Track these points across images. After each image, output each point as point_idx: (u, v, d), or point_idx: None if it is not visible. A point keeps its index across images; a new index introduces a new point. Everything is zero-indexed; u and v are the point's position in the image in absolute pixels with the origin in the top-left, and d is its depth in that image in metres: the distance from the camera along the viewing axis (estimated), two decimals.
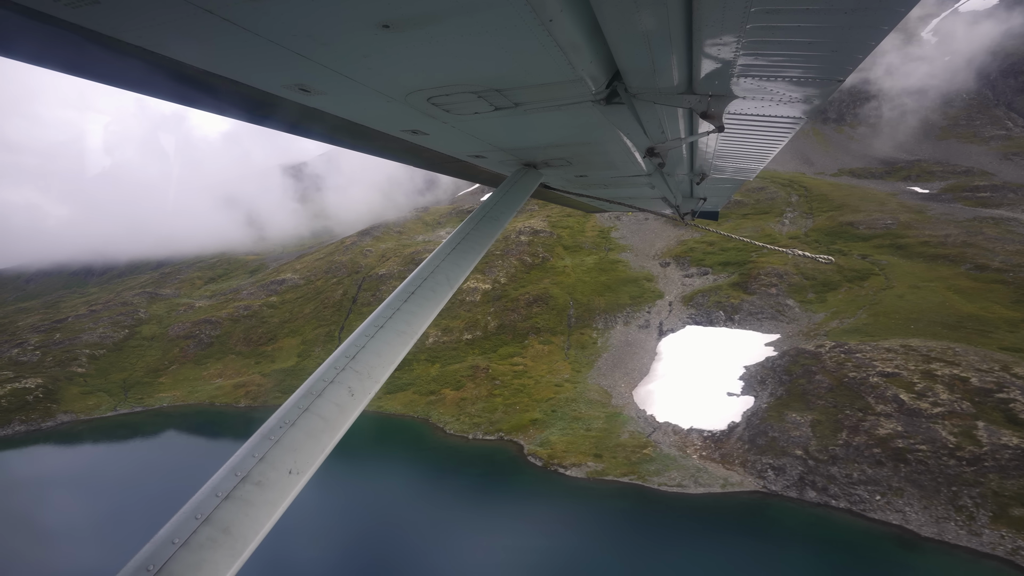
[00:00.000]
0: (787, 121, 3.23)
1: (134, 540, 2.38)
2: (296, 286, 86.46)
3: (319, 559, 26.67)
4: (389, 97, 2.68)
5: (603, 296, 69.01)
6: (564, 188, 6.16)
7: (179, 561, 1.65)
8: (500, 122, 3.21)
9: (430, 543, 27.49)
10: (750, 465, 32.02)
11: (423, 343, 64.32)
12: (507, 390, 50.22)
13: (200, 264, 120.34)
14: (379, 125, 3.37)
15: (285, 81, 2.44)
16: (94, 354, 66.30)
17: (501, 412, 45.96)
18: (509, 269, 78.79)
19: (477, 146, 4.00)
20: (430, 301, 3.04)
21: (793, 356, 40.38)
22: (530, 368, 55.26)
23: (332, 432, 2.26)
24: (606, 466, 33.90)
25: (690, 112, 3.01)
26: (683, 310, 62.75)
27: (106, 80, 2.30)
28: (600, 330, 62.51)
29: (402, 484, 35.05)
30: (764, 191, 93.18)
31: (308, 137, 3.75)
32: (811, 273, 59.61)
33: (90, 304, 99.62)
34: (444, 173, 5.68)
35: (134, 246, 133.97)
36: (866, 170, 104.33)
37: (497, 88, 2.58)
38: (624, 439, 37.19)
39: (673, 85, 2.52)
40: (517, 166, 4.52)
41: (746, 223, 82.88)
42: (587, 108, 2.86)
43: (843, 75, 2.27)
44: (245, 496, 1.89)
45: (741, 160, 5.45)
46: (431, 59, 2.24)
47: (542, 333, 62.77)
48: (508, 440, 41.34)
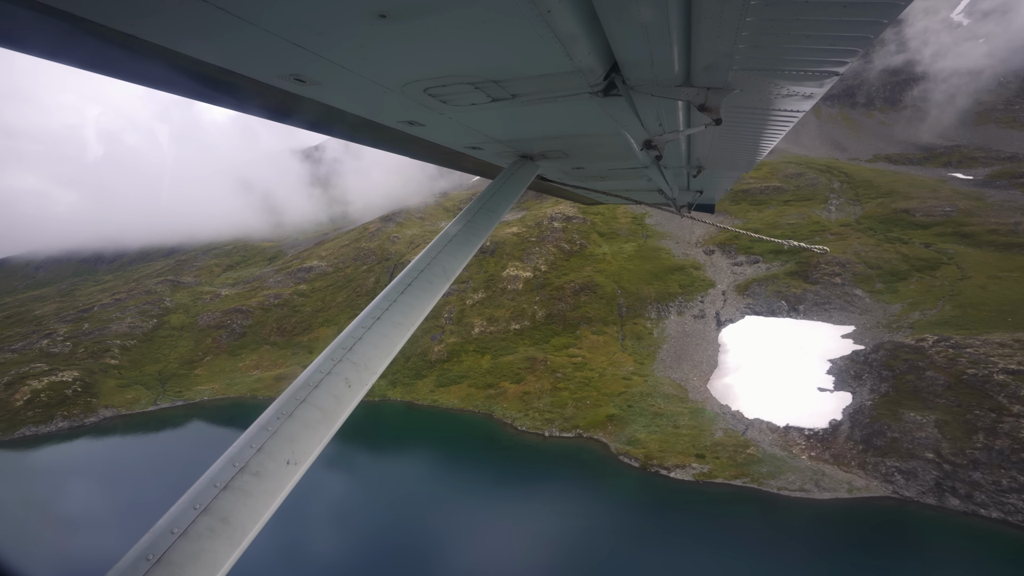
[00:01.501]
0: (785, 114, 3.17)
1: None
2: (325, 274, 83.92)
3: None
4: (386, 88, 2.63)
5: (651, 285, 66.95)
6: (561, 180, 6.24)
7: (178, 550, 1.64)
8: (497, 113, 3.13)
9: (562, 557, 25.46)
10: (871, 468, 30.24)
11: (469, 333, 62.29)
12: (571, 383, 48.27)
13: (216, 251, 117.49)
14: (375, 116, 3.30)
15: (280, 71, 2.39)
16: (125, 345, 63.92)
17: (572, 407, 44.02)
18: (548, 256, 76.54)
19: (474, 137, 3.94)
20: (427, 292, 3.00)
21: (890, 350, 38.46)
22: (589, 360, 53.29)
23: (329, 423, 2.23)
24: (712, 468, 32.04)
25: (688, 105, 2.96)
26: (739, 300, 60.75)
27: (97, 69, 2.20)
28: (654, 320, 60.54)
29: (496, 490, 32.87)
30: (803, 177, 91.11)
31: (304, 127, 3.64)
32: (875, 262, 57.62)
33: (108, 292, 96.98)
34: (441, 164, 5.53)
35: (145, 233, 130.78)
36: (903, 156, 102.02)
37: (494, 79, 2.53)
38: (719, 437, 35.34)
39: (671, 77, 2.48)
40: (514, 158, 4.45)
41: (789, 210, 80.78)
42: (584, 100, 2.79)
43: (841, 68, 2.26)
44: (243, 486, 1.87)
45: (738, 153, 5.31)
46: (428, 50, 2.21)
47: (593, 323, 60.72)
48: (588, 438, 39.42)
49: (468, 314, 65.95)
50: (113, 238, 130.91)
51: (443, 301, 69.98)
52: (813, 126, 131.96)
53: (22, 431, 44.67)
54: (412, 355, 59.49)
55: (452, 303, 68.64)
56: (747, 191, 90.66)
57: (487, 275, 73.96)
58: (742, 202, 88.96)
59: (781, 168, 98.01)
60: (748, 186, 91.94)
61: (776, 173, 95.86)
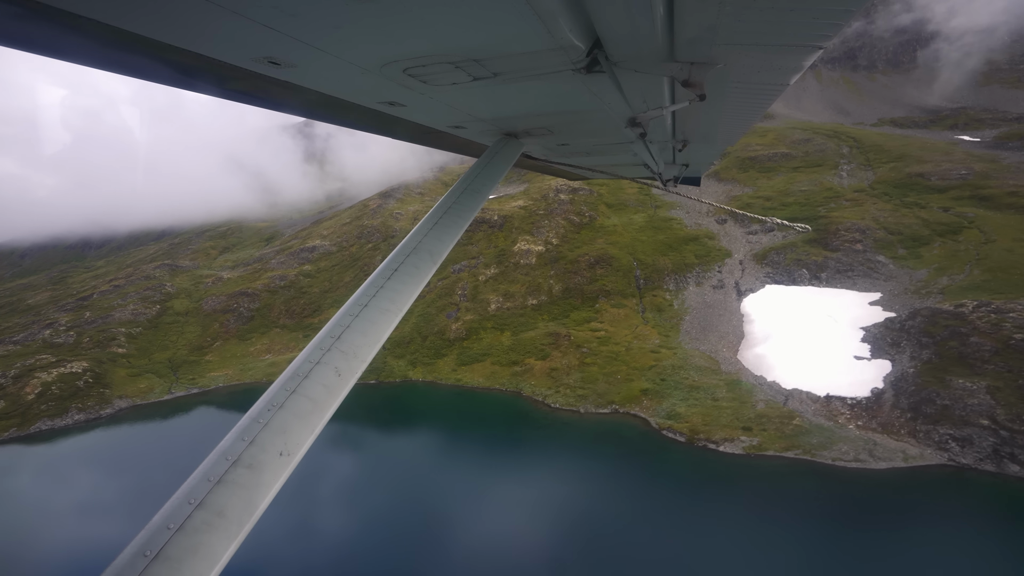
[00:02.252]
0: (770, 87, 3.14)
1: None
2: (329, 253, 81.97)
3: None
4: (364, 69, 2.57)
5: (666, 256, 66.13)
6: (546, 157, 6.24)
7: (175, 545, 1.66)
8: (479, 92, 3.06)
9: (618, 538, 24.95)
10: (923, 436, 30.10)
11: (485, 310, 61.30)
12: (599, 358, 47.68)
13: (210, 233, 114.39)
14: (354, 97, 3.19)
15: (253, 55, 2.31)
16: (131, 333, 62.06)
17: (603, 383, 43.49)
18: (558, 229, 75.24)
19: (457, 117, 3.82)
20: (413, 278, 2.99)
21: (928, 317, 38.15)
22: (613, 333, 52.69)
23: (321, 413, 2.24)
24: (761, 440, 31.72)
25: (672, 81, 2.96)
26: (758, 269, 60.24)
27: (62, 55, 2.11)
28: (672, 291, 59.93)
29: (538, 470, 32.12)
30: (811, 142, 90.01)
31: (281, 111, 3.47)
32: (895, 228, 57.19)
33: (104, 279, 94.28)
34: (424, 144, 5.40)
35: (133, 216, 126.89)
36: (908, 119, 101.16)
37: (475, 58, 2.48)
38: (762, 409, 35.03)
39: (654, 53, 2.45)
40: (498, 136, 4.42)
41: (800, 176, 79.83)
42: (567, 77, 2.74)
43: (825, 41, 2.25)
44: (237, 480, 1.88)
45: (724, 127, 5.28)
46: (405, 30, 2.16)
47: (612, 296, 59.98)
48: (626, 413, 38.95)
49: (482, 290, 64.84)
50: (100, 222, 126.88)
51: (455, 277, 68.79)
52: (815, 90, 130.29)
53: (37, 425, 43.22)
54: (429, 334, 58.50)
55: (465, 279, 67.44)
56: (755, 158, 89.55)
57: (498, 250, 72.65)
58: (750, 169, 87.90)
59: (787, 134, 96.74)
60: (756, 153, 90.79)
61: (783, 139, 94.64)
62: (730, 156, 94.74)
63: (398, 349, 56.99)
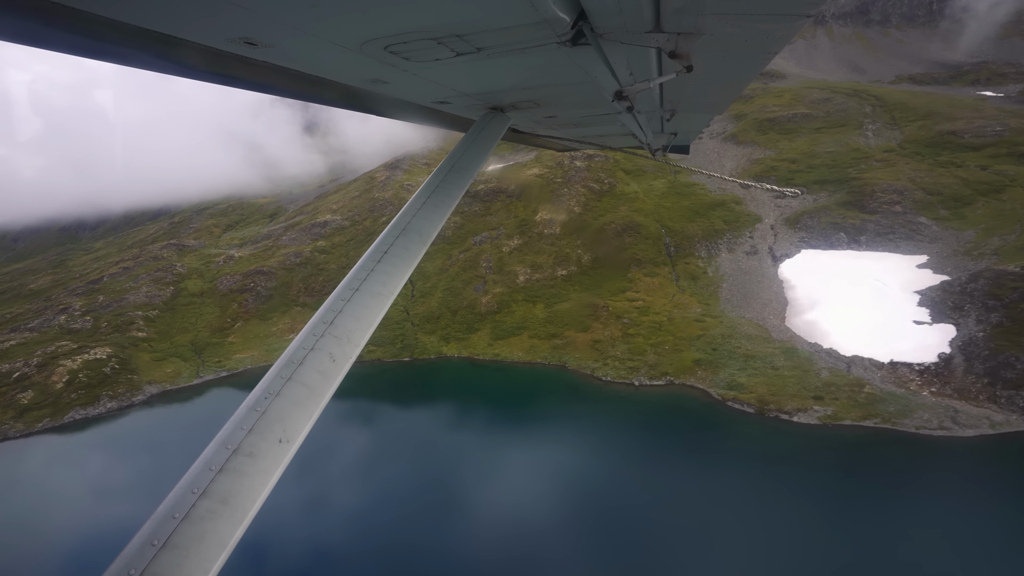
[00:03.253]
0: (757, 56, 3.13)
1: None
2: (342, 228, 79.67)
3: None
4: (343, 47, 2.50)
5: (694, 222, 64.66)
6: (533, 130, 6.33)
7: (182, 534, 1.69)
8: (463, 68, 3.00)
9: (710, 522, 24.12)
10: (1006, 401, 29.53)
11: (513, 282, 59.88)
12: (641, 329, 46.67)
13: (210, 210, 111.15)
14: (336, 76, 3.15)
15: (228, 35, 2.24)
16: (148, 316, 60.12)
17: (652, 354, 42.57)
18: (578, 197, 73.36)
19: (441, 92, 3.76)
20: (404, 260, 2.97)
21: (991, 279, 37.26)
22: (651, 303, 51.59)
23: (317, 399, 2.25)
24: (835, 409, 31.03)
25: (658, 52, 2.95)
26: (791, 233, 59.03)
27: (32, 42, 2.05)
28: (705, 259, 58.71)
29: (605, 446, 31.25)
30: (830, 102, 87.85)
31: (261, 92, 3.39)
32: (933, 188, 55.93)
33: (107, 261, 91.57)
34: (409, 121, 5.35)
35: (127, 195, 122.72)
36: (927, 75, 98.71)
37: (457, 34, 2.42)
38: (827, 377, 34.29)
39: (640, 23, 2.43)
40: (484, 110, 4.36)
41: (823, 137, 77.90)
42: (552, 50, 2.68)
43: (811, 10, 2.23)
44: (238, 468, 1.90)
45: (712, 96, 5.18)
46: (385, 6, 2.10)
47: (644, 264, 58.68)
48: (682, 384, 38.13)
49: (508, 262, 63.28)
50: (93, 202, 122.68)
51: (478, 250, 67.07)
52: (826, 47, 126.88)
53: (71, 415, 41.73)
54: (459, 308, 57.13)
55: (488, 251, 65.78)
56: (774, 120, 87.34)
57: (518, 220, 70.83)
58: (770, 131, 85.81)
59: (805, 94, 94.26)
60: (774, 114, 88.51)
61: (801, 99, 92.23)
62: (747, 118, 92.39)
63: (428, 325, 55.67)
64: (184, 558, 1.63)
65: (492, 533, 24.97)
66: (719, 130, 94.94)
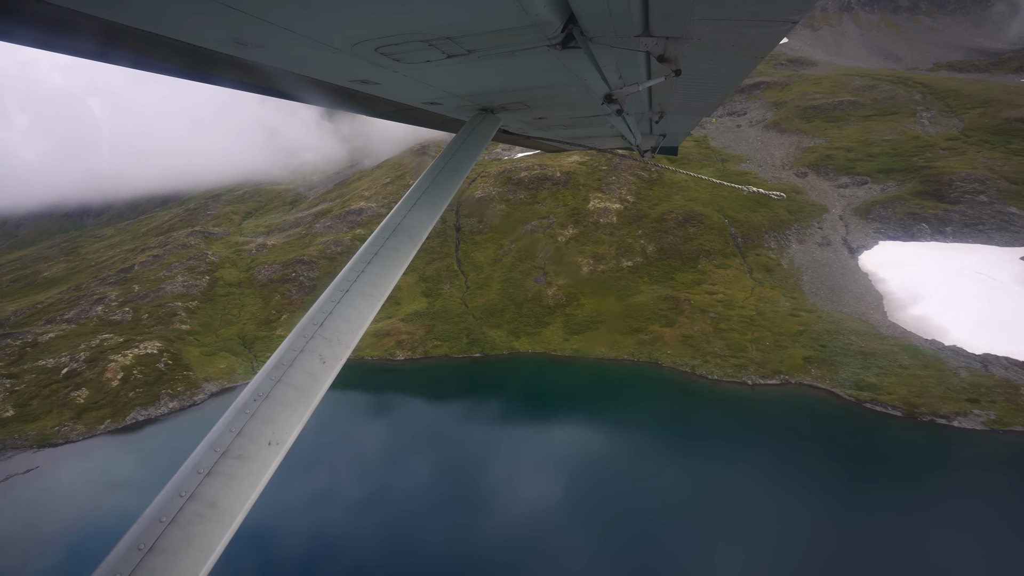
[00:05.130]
0: (744, 60, 3.15)
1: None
2: (379, 215, 76.18)
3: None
4: (334, 48, 2.50)
5: (757, 213, 62.42)
6: (523, 131, 6.34)
7: (169, 538, 1.67)
8: (454, 69, 3.01)
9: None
10: None
11: (577, 273, 57.28)
12: (733, 323, 44.44)
13: (225, 197, 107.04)
14: (326, 77, 3.16)
15: (218, 35, 2.26)
16: (189, 307, 56.64)
17: (755, 351, 40.32)
18: (629, 186, 70.67)
19: (431, 94, 3.78)
20: (394, 261, 2.95)
21: None
22: (732, 296, 49.37)
23: (307, 401, 2.23)
24: (999, 413, 29.06)
25: (647, 56, 2.92)
26: (864, 224, 57.07)
27: (20, 40, 2.02)
28: (776, 250, 56.56)
29: (745, 455, 28.60)
30: (876, 89, 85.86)
31: (251, 91, 3.43)
32: (1016, 176, 54.29)
33: (117, 248, 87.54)
34: (398, 121, 5.22)
35: (134, 181, 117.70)
36: (967, 63, 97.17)
37: (448, 36, 2.44)
38: (968, 377, 32.38)
39: (629, 27, 2.44)
40: (474, 112, 4.34)
41: (876, 126, 75.91)
42: (543, 53, 2.70)
43: (798, 15, 2.25)
44: (227, 470, 1.88)
45: (700, 99, 5.13)
46: (376, 8, 2.11)
47: (713, 256, 56.43)
48: (799, 384, 35.98)
49: (566, 252, 60.60)
50: (98, 188, 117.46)
51: (530, 239, 64.29)
52: (854, 35, 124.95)
53: (132, 416, 38.44)
54: (523, 301, 54.46)
55: (542, 240, 63.03)
56: (817, 107, 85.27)
57: (569, 208, 68.01)
58: (815, 119, 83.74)
59: (845, 81, 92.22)
60: (817, 102, 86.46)
61: (843, 86, 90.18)
62: (788, 105, 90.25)
63: (492, 318, 52.96)
64: (171, 562, 1.59)
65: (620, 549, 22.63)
66: (758, 118, 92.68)
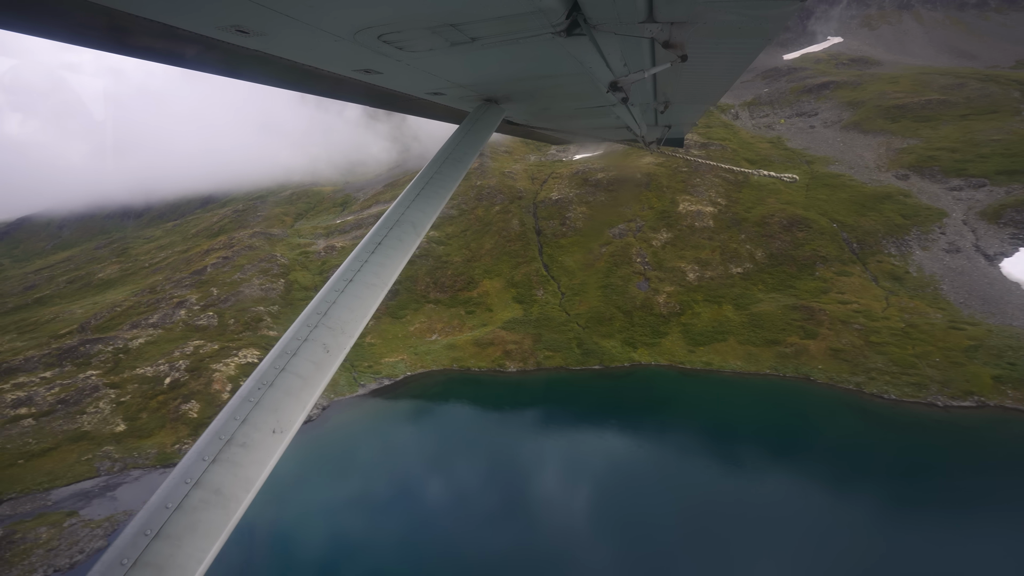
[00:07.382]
0: (750, 45, 3.09)
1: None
2: (451, 218, 73.11)
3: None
4: (336, 36, 2.47)
5: (865, 216, 58.70)
6: (527, 122, 6.25)
7: (175, 524, 1.70)
8: (457, 58, 2.98)
9: None
10: None
11: (683, 279, 53.74)
12: (884, 336, 40.83)
13: (273, 198, 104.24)
14: (328, 65, 3.11)
15: (219, 23, 2.23)
16: (271, 312, 53.66)
17: (924, 367, 36.61)
18: (716, 188, 67.12)
19: (435, 83, 3.73)
20: (397, 251, 2.93)
21: None
22: (868, 306, 45.68)
23: (311, 389, 2.23)
24: None
25: (652, 42, 2.90)
26: (997, 229, 53.14)
27: (27, 30, 2.01)
28: (898, 257, 52.79)
29: (983, 503, 25.19)
30: (966, 87, 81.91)
31: (251, 80, 3.28)
32: None
33: (168, 249, 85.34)
34: (401, 112, 5.08)
35: (174, 182, 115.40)
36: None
37: (452, 23, 2.41)
38: None
39: (633, 13, 2.42)
40: (478, 102, 4.31)
41: (976, 124, 71.94)
42: (547, 41, 2.67)
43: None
44: (232, 458, 1.89)
45: (705, 86, 5.05)
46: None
47: (831, 262, 52.74)
48: (999, 406, 32.29)
49: (666, 257, 57.12)
50: (140, 189, 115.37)
51: (623, 242, 60.79)
52: (917, 33, 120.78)
53: None
54: (632, 309, 50.99)
55: (635, 244, 59.55)
56: (902, 107, 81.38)
57: (657, 211, 64.49)
58: (901, 119, 79.81)
59: (927, 80, 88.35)
60: (900, 101, 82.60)
61: (925, 85, 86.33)
62: (865, 105, 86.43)
63: (600, 327, 49.52)
64: (177, 548, 1.62)
65: None
66: (833, 118, 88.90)
